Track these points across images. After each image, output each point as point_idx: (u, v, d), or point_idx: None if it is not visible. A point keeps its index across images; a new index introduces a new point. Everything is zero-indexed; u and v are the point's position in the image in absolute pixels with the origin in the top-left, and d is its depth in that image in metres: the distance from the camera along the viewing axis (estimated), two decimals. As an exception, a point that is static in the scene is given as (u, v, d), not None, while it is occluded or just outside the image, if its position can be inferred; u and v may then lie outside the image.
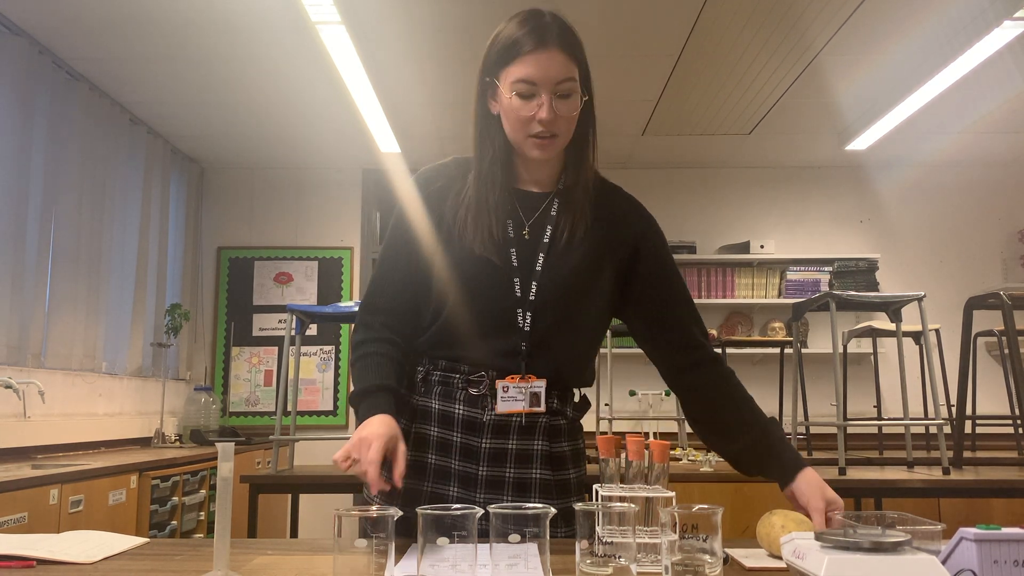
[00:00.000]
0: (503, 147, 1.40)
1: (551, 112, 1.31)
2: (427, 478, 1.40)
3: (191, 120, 4.96)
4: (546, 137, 1.34)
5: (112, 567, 1.15)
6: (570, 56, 1.33)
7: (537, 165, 1.42)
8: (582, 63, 1.36)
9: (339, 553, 0.99)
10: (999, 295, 3.23)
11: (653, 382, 5.06)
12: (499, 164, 1.40)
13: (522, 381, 1.38)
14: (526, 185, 1.45)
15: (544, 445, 1.41)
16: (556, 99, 1.32)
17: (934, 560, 0.89)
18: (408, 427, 1.43)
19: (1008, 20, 3.54)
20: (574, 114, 1.35)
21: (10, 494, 2.61)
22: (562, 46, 1.32)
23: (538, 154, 1.36)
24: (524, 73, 1.31)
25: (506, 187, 1.41)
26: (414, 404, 1.44)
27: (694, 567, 0.97)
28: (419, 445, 1.41)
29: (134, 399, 4.77)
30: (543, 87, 1.31)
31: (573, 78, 1.33)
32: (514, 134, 1.37)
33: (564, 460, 1.44)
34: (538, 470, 1.40)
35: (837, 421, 3.25)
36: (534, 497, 1.38)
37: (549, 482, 1.41)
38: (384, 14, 3.64)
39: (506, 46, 1.34)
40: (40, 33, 3.81)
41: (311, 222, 5.81)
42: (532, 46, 1.31)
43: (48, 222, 3.93)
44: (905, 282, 5.69)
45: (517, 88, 1.32)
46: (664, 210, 5.85)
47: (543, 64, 1.31)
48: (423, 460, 1.41)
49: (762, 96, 4.64)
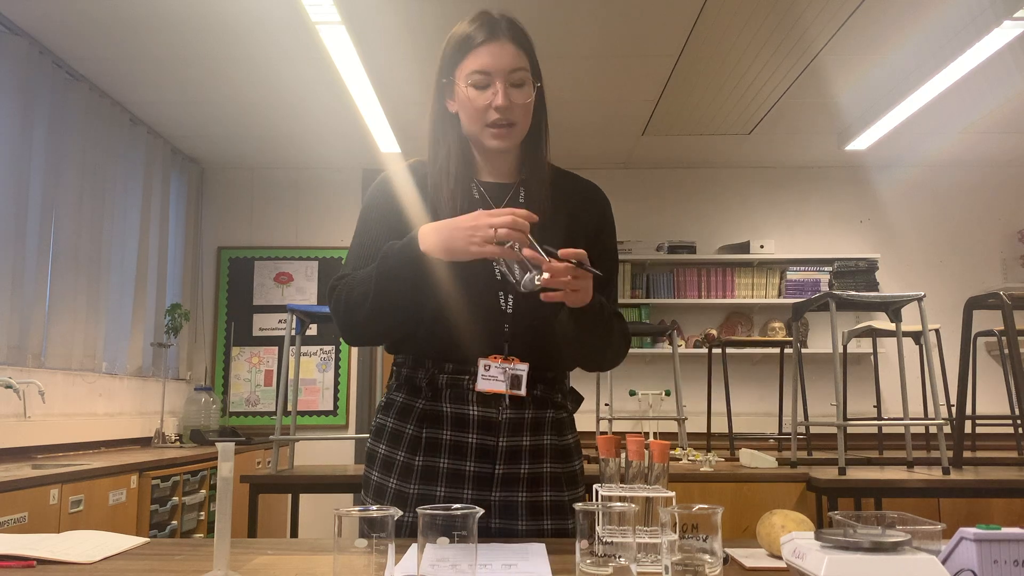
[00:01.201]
0: (458, 142, 1.44)
1: (506, 99, 1.37)
2: (440, 482, 1.40)
3: (191, 120, 4.96)
4: (503, 125, 1.39)
5: (112, 567, 1.15)
6: (520, 47, 1.40)
7: (496, 157, 1.46)
8: (531, 55, 1.43)
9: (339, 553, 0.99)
10: (999, 295, 3.23)
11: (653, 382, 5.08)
12: (454, 158, 1.44)
13: (504, 362, 1.39)
14: (487, 176, 1.49)
15: (553, 439, 1.45)
16: (510, 88, 1.38)
17: (934, 560, 0.89)
18: (418, 433, 1.42)
19: (1008, 20, 3.54)
20: (528, 101, 1.40)
21: (10, 494, 2.62)
22: (512, 38, 1.39)
23: (497, 143, 1.41)
24: (478, 64, 1.38)
25: (466, 178, 1.45)
26: (422, 408, 1.43)
27: (694, 567, 0.97)
28: (431, 450, 1.41)
29: (134, 399, 4.77)
30: (497, 76, 1.37)
31: (524, 68, 1.40)
32: (471, 125, 1.41)
33: (571, 452, 1.49)
34: (548, 464, 1.43)
35: (837, 421, 3.25)
36: (545, 490, 1.41)
37: (559, 475, 1.45)
38: (384, 14, 3.64)
39: (459, 42, 1.41)
40: (40, 33, 3.81)
41: (311, 222, 5.81)
42: (483, 38, 1.38)
43: (48, 222, 3.93)
44: (905, 282, 5.69)
45: (472, 79, 1.38)
46: (664, 210, 5.94)
47: (495, 54, 1.38)
48: (436, 465, 1.41)
49: (762, 96, 4.64)
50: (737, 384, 5.10)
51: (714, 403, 4.49)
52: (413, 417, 1.43)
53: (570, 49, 4.02)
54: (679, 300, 5.71)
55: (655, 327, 5.33)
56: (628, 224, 5.72)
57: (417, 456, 1.41)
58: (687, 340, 5.72)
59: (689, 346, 5.66)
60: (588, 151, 5.46)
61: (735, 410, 4.63)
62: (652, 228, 5.82)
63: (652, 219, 5.86)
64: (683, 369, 4.48)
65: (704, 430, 4.45)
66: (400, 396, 1.47)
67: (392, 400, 1.48)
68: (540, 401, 1.44)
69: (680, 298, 5.72)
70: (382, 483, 1.43)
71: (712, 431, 4.41)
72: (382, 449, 1.45)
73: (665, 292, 5.73)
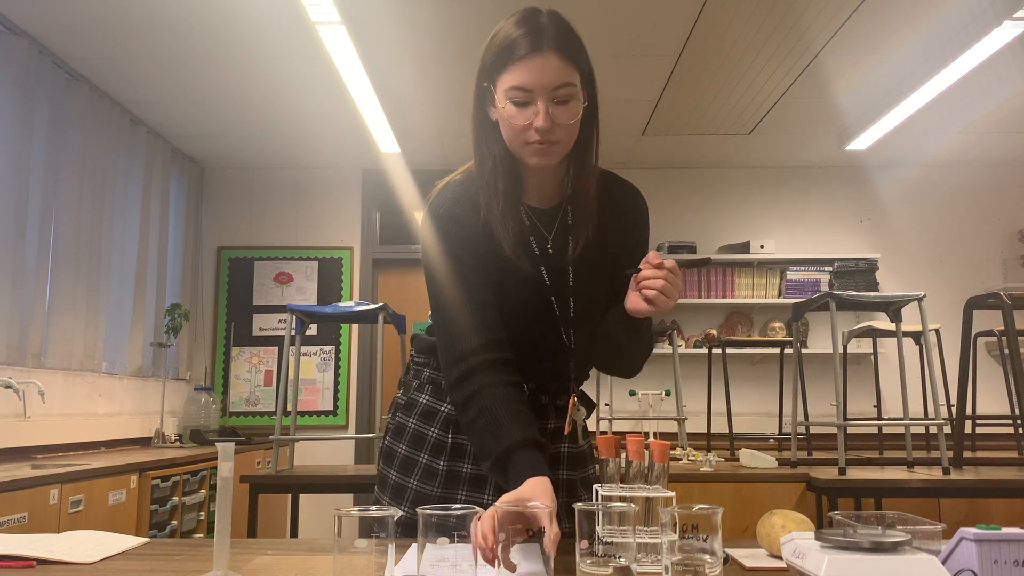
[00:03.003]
0: (504, 157, 1.33)
1: (547, 120, 1.24)
2: (462, 486, 1.41)
3: (191, 120, 4.96)
4: (544, 143, 1.28)
5: (112, 567, 1.15)
6: (568, 60, 1.26)
7: (540, 173, 1.36)
8: (583, 65, 1.29)
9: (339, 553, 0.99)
10: (999, 295, 3.22)
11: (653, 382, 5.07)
12: (499, 175, 1.33)
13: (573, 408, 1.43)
14: (534, 199, 1.40)
15: (570, 447, 1.47)
16: (553, 106, 1.25)
17: (934, 560, 0.89)
18: (443, 437, 1.42)
19: (1008, 20, 3.54)
20: (572, 121, 1.28)
21: (10, 494, 2.62)
22: (559, 49, 1.25)
23: (537, 160, 1.30)
24: (518, 80, 1.24)
25: (513, 198, 1.34)
26: (448, 413, 1.43)
27: (694, 567, 0.97)
28: (456, 454, 1.42)
29: (134, 399, 4.77)
30: (539, 94, 1.24)
31: (571, 83, 1.26)
32: (511, 143, 1.31)
33: (586, 458, 1.50)
34: (565, 472, 1.45)
35: (837, 421, 3.25)
36: (561, 497, 1.39)
37: (575, 481, 1.46)
38: (384, 14, 3.64)
39: (500, 50, 1.27)
40: (40, 33, 3.81)
41: (311, 222, 5.81)
42: (526, 50, 1.24)
43: (48, 222, 3.93)
44: (905, 282, 5.69)
45: (512, 96, 1.25)
46: (664, 210, 5.93)
47: (538, 70, 1.24)
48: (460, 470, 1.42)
49: (762, 96, 4.64)
50: (737, 384, 5.10)
51: (714, 403, 4.49)
52: (438, 421, 1.42)
53: (570, 49, 4.02)
54: (679, 300, 5.70)
55: (655, 327, 5.32)
56: (628, 224, 5.72)
57: (441, 459, 1.41)
58: (687, 340, 5.72)
59: (689, 346, 5.66)
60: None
61: (735, 410, 4.63)
62: (652, 228, 5.77)
63: (652, 219, 5.77)
64: (683, 369, 4.49)
65: (704, 430, 4.45)
66: (424, 398, 1.45)
67: (414, 400, 1.46)
68: (561, 411, 1.45)
69: (680, 298, 5.71)
70: (401, 483, 1.43)
71: (712, 431, 4.41)
72: (403, 449, 1.44)
73: (665, 292, 5.72)
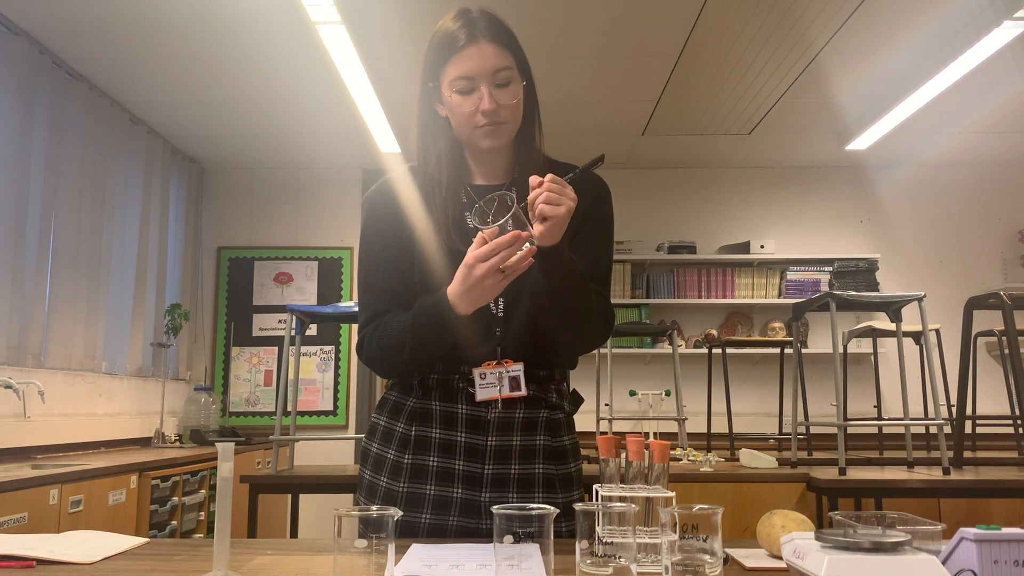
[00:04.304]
0: (449, 147, 1.43)
1: (492, 103, 1.35)
2: (429, 480, 1.40)
3: (191, 120, 4.96)
4: (492, 124, 1.37)
5: (112, 567, 1.15)
6: (501, 45, 1.37)
7: (488, 157, 1.45)
8: (516, 50, 1.40)
9: (339, 553, 0.99)
10: (999, 295, 3.22)
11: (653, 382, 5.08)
12: (444, 164, 1.43)
13: (498, 366, 1.39)
14: (480, 179, 1.48)
15: (546, 440, 1.42)
16: (495, 89, 1.36)
17: (934, 560, 0.89)
18: (408, 430, 1.42)
19: (1008, 20, 3.54)
20: (515, 101, 1.39)
21: (10, 494, 2.61)
22: (492, 38, 1.37)
23: (489, 142, 1.39)
24: (460, 71, 1.36)
25: (456, 184, 1.43)
26: (412, 406, 1.43)
27: (694, 567, 0.97)
28: (420, 448, 1.41)
29: (134, 399, 4.77)
30: (480, 79, 1.35)
31: (508, 67, 1.37)
32: (462, 130, 1.40)
33: (565, 454, 1.46)
34: (540, 465, 1.41)
35: (837, 421, 3.25)
36: (538, 492, 1.39)
37: (553, 476, 1.42)
38: (384, 14, 3.64)
39: (441, 46, 1.38)
40: (40, 33, 3.81)
41: (311, 222, 5.81)
42: (463, 42, 1.36)
43: (48, 222, 3.93)
44: (905, 282, 5.69)
45: (457, 86, 1.36)
46: (664, 210, 5.93)
47: (476, 57, 1.35)
48: (425, 464, 1.40)
49: (762, 96, 4.64)
50: (737, 384, 5.10)
51: (714, 403, 4.49)
52: (403, 415, 1.43)
53: (570, 49, 4.02)
54: (679, 300, 5.71)
55: (655, 327, 5.33)
56: (628, 224, 5.72)
57: (406, 454, 1.41)
58: (687, 340, 5.72)
59: (689, 346, 5.66)
60: (588, 151, 5.45)
61: (735, 410, 4.63)
62: (652, 228, 5.83)
63: (652, 219, 5.86)
64: (683, 369, 4.49)
65: (704, 430, 4.45)
66: (393, 395, 1.47)
67: (386, 399, 1.48)
68: (532, 401, 1.42)
69: (680, 298, 5.72)
70: (374, 481, 1.44)
71: (712, 431, 4.41)
72: (374, 447, 1.46)
73: (665, 292, 5.73)
